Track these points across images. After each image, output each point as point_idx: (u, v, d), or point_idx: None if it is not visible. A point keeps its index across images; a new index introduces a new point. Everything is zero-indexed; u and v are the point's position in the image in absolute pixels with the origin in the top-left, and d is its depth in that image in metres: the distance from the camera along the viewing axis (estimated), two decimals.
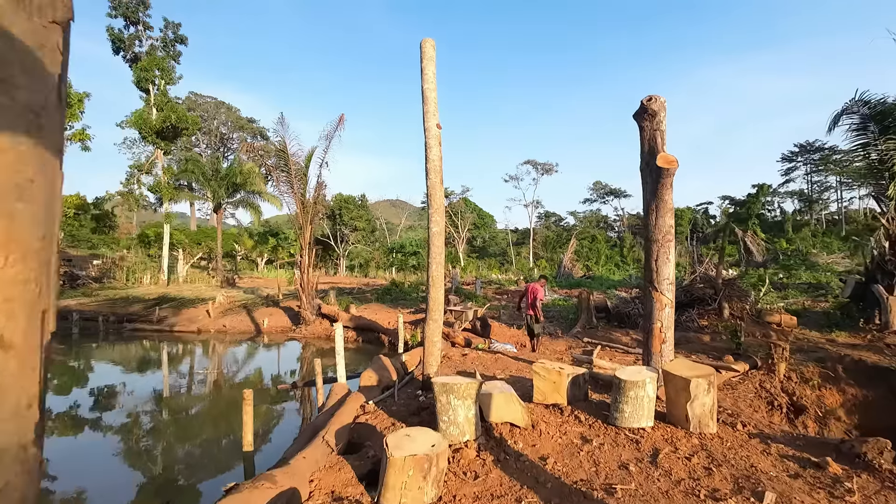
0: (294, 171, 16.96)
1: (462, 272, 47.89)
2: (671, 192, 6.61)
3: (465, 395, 4.64)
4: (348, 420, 5.57)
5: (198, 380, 11.83)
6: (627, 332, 13.51)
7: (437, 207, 6.53)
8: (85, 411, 9.67)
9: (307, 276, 17.63)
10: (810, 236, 56.11)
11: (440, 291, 6.62)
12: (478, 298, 21.46)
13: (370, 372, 7.02)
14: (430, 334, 6.58)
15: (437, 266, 6.57)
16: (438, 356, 6.66)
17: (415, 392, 6.67)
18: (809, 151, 69.92)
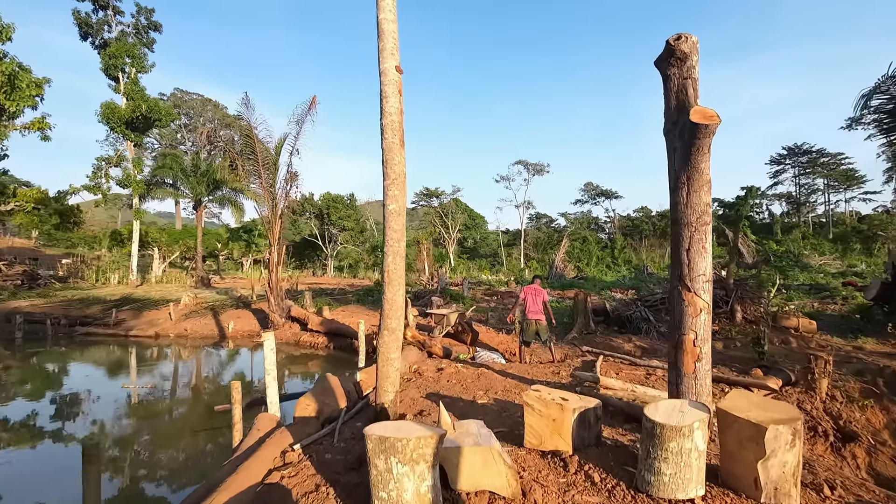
0: (262, 159, 15.08)
1: (452, 273, 46.09)
2: (709, 158, 4.86)
3: (416, 457, 2.84)
4: (256, 477, 3.75)
5: (119, 399, 9.50)
6: (630, 338, 11.78)
7: (394, 177, 4.72)
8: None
9: (276, 275, 15.74)
10: (800, 238, 54.98)
11: (399, 291, 4.81)
12: (465, 300, 19.67)
13: (309, 399, 5.17)
14: (385, 349, 4.76)
15: (396, 257, 4.77)
16: (397, 378, 4.83)
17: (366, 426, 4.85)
18: (798, 154, 69.02)
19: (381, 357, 4.74)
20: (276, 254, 15.69)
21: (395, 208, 4.74)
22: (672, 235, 5.10)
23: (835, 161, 66.70)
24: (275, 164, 15.33)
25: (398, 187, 4.75)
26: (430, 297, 17.93)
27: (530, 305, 9.54)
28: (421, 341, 8.73)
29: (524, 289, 9.81)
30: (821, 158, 67.55)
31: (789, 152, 69.32)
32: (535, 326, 9.40)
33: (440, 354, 8.76)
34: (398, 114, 4.76)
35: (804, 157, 68.60)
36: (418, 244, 49.41)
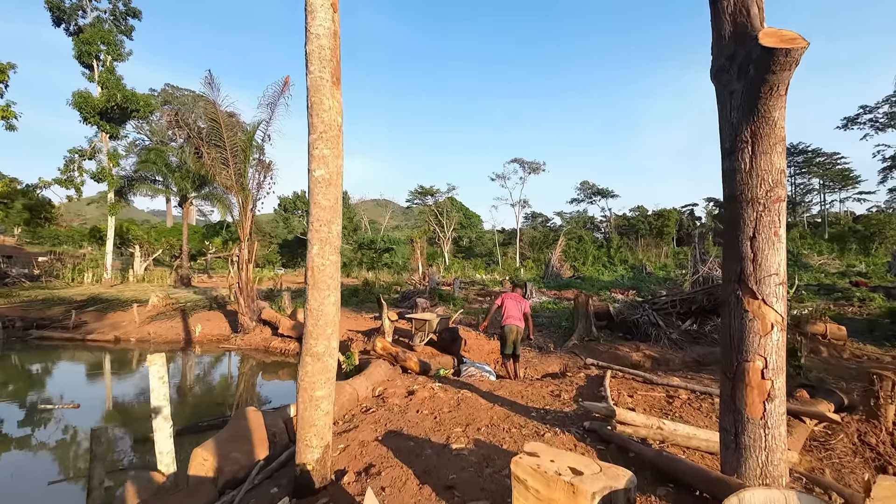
0: (230, 146, 13.46)
1: (446, 272, 44.52)
2: (785, 103, 3.29)
3: None
4: None
5: (19, 429, 7.31)
6: (637, 346, 10.23)
7: (323, 130, 3.13)
8: None
9: (246, 274, 14.12)
10: (798, 238, 53.64)
11: (329, 298, 3.21)
12: (455, 301, 18.07)
13: (209, 450, 3.57)
14: (307, 385, 3.17)
15: (325, 248, 3.17)
16: (327, 425, 3.24)
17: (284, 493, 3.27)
18: (794, 154, 67.75)
19: (301, 397, 3.15)
20: (247, 250, 14.06)
21: (324, 175, 3.15)
22: (727, 218, 3.52)
23: (830, 161, 65.50)
24: (244, 152, 13.71)
25: (329, 145, 3.16)
26: (415, 297, 16.34)
27: (509, 310, 8.08)
28: (393, 354, 7.15)
29: (502, 295, 8.31)
30: (816, 158, 66.34)
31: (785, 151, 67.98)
32: (515, 335, 7.90)
33: (416, 370, 7.18)
34: (331, 37, 3.17)
35: (800, 157, 67.38)
36: (413, 242, 47.81)
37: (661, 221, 64.02)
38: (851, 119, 62.93)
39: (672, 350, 9.82)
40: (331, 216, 3.17)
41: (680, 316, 11.03)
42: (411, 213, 75.61)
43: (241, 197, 13.84)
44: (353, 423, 4.70)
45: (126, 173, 33.55)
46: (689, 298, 11.04)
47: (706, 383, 6.85)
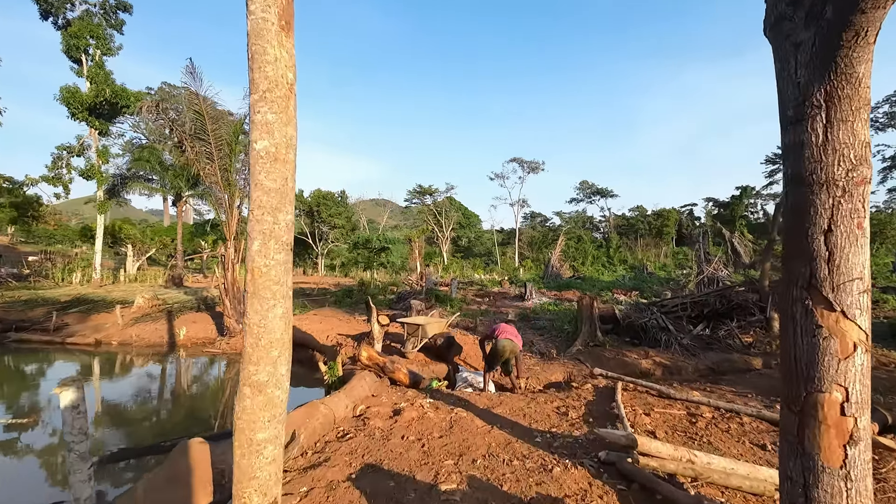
0: (214, 138, 12.68)
1: (444, 272, 43.78)
2: (871, 54, 2.53)
3: None
4: None
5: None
6: (646, 352, 9.46)
7: (267, 89, 2.36)
8: None
9: (233, 274, 13.35)
10: None
11: (276, 311, 2.45)
12: (452, 302, 17.31)
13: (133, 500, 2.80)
14: (245, 425, 2.39)
15: (270, 244, 2.40)
16: (273, 476, 2.45)
17: None
18: None
19: (238, 440, 2.38)
20: (234, 250, 13.28)
21: (268, 148, 2.38)
22: (790, 206, 2.73)
23: None
24: (230, 146, 12.93)
25: (275, 107, 2.38)
26: (408, 300, 15.57)
27: (506, 331, 7.42)
28: (380, 364, 6.35)
29: (501, 325, 7.61)
30: None
31: None
32: (508, 353, 7.17)
33: (405, 382, 6.39)
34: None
35: None
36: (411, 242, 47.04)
37: (661, 221, 63.34)
38: None
39: (684, 357, 9.06)
40: (277, 202, 2.39)
41: (691, 320, 10.27)
42: (410, 213, 74.84)
43: (227, 193, 13.06)
44: (324, 455, 3.92)
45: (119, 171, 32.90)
46: (701, 301, 10.28)
47: (730, 398, 6.09)
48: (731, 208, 66.03)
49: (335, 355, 10.28)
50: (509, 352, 7.22)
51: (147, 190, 35.51)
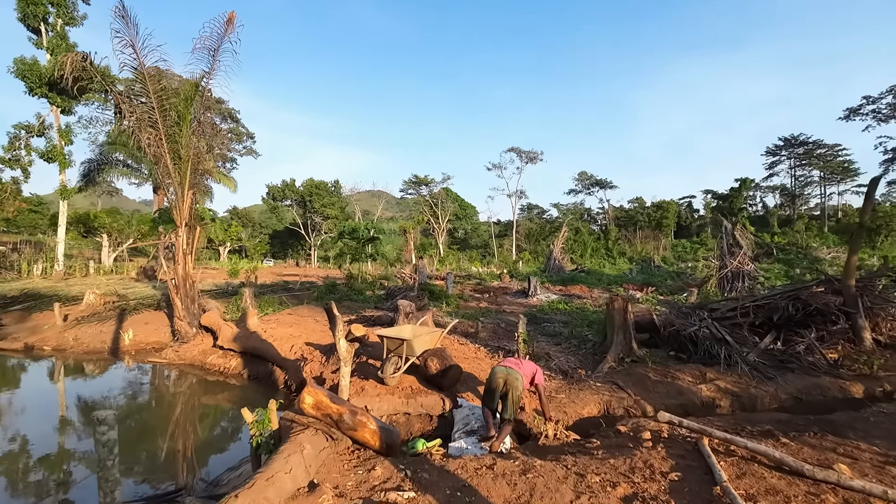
0: (158, 101, 10.11)
1: (440, 264, 41.30)
2: None
3: None
4: None
5: None
6: (701, 372, 7.05)
7: None
8: None
9: (184, 268, 10.82)
10: (804, 230, 50.71)
11: None
12: (448, 299, 14.86)
13: None
14: None
15: None
16: None
17: None
18: (794, 146, 64.73)
19: None
20: (185, 238, 10.75)
21: None
22: None
23: (832, 153, 62.50)
24: (178, 112, 10.36)
25: None
26: (402, 295, 13.12)
27: (506, 361, 5.37)
28: (334, 417, 3.82)
29: (505, 360, 5.29)
30: (817, 150, 63.33)
31: (785, 143, 65.02)
32: (501, 382, 4.98)
33: (374, 444, 3.87)
34: None
35: (800, 149, 64.36)
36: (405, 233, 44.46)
37: (660, 213, 61.02)
38: (854, 110, 59.84)
39: (756, 381, 6.66)
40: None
41: (754, 329, 7.87)
42: (405, 204, 72.15)
43: (177, 170, 10.51)
44: None
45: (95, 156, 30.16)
46: (767, 305, 7.87)
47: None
48: (731, 200, 63.73)
49: (298, 373, 7.87)
50: (503, 383, 4.96)
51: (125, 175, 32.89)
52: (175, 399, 8.20)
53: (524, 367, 5.23)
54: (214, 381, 8.94)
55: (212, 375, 9.22)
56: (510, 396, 4.91)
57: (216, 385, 8.79)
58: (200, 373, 9.43)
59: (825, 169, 63.17)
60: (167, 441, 6.27)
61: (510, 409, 4.89)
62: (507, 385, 4.94)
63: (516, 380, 4.96)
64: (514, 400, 4.89)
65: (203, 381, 9.01)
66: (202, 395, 8.34)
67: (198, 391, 8.57)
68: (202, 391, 8.56)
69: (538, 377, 5.26)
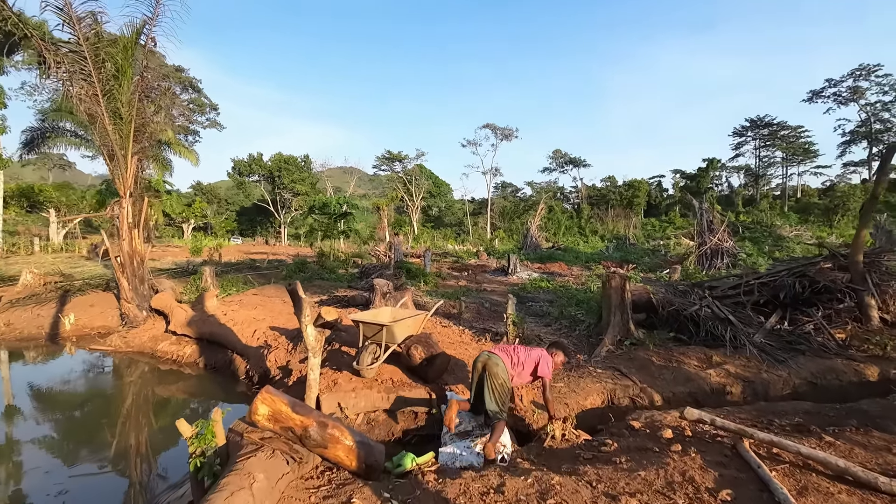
0: (91, 51, 8.60)
1: (415, 242, 40.28)
2: None
3: None
4: None
5: None
6: (706, 354, 6.46)
7: None
8: None
9: (131, 244, 9.51)
10: (768, 209, 51.95)
11: None
12: (427, 278, 13.99)
13: None
14: None
15: None
16: None
17: None
18: (760, 126, 65.92)
19: None
20: (130, 210, 9.40)
21: None
22: None
23: (794, 134, 63.96)
24: (116, 64, 8.87)
25: None
26: (378, 274, 12.16)
27: (500, 350, 4.57)
28: (297, 432, 2.90)
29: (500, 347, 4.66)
30: (781, 131, 64.69)
31: (752, 124, 66.15)
32: (480, 366, 4.35)
33: (349, 464, 2.96)
34: None
35: (765, 130, 65.61)
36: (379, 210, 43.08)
37: (632, 192, 61.46)
38: (817, 92, 61.23)
39: (766, 365, 6.10)
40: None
41: (758, 308, 7.33)
42: (378, 181, 70.26)
43: (118, 131, 9.09)
44: None
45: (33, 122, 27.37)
46: (773, 282, 7.32)
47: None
48: (698, 180, 64.71)
49: (261, 362, 6.88)
50: (481, 367, 4.29)
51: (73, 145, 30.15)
52: (115, 394, 7.09)
53: (529, 355, 4.47)
54: (167, 371, 7.84)
55: (164, 364, 8.11)
56: (488, 385, 4.15)
57: (168, 376, 7.70)
58: (151, 362, 8.29)
59: (788, 150, 64.71)
60: (100, 449, 5.23)
61: (493, 401, 4.13)
62: (486, 370, 4.21)
63: (496, 365, 4.21)
64: (496, 389, 4.13)
65: (152, 371, 7.89)
66: (149, 389, 7.25)
67: (144, 384, 7.47)
68: (150, 384, 7.47)
69: (542, 367, 4.48)
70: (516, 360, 4.39)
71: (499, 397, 4.15)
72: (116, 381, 7.77)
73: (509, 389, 4.29)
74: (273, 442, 2.92)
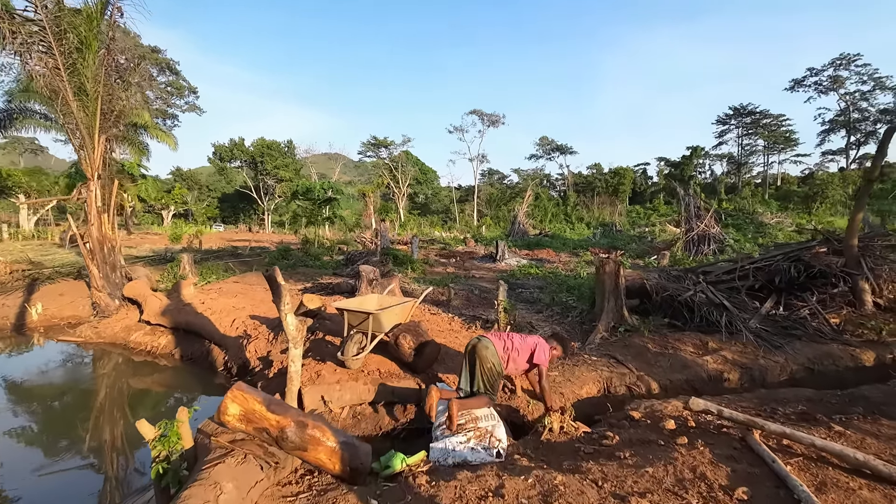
0: (49, 17, 7.95)
1: (401, 229, 39.82)
2: None
3: None
4: None
5: None
6: (702, 340, 6.30)
7: None
8: None
9: (100, 229, 8.97)
10: (750, 196, 52.57)
11: None
12: (414, 264, 13.66)
13: None
14: None
15: None
16: None
17: None
18: (743, 115, 66.40)
19: None
20: (98, 193, 8.83)
21: None
22: None
23: (776, 122, 64.63)
24: (80, 36, 8.22)
25: None
26: (364, 261, 11.79)
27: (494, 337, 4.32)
28: (273, 433, 2.62)
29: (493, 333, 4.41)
30: (763, 119, 65.30)
31: (735, 112, 66.58)
32: (472, 349, 4.13)
33: (332, 467, 2.62)
34: None
35: (748, 118, 66.14)
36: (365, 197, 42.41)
37: (618, 180, 61.61)
38: (798, 81, 61.77)
39: (763, 351, 5.96)
40: None
41: (752, 293, 7.18)
42: (364, 167, 69.23)
43: (82, 106, 8.48)
44: None
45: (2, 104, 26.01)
46: (768, 267, 7.17)
47: None
48: (682, 168, 65.12)
49: (241, 353, 6.51)
50: (471, 349, 4.09)
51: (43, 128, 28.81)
52: (84, 387, 6.66)
53: (525, 342, 4.23)
54: (141, 363, 7.42)
55: (137, 356, 7.68)
56: (479, 368, 3.96)
57: (142, 368, 7.29)
58: (124, 353, 7.85)
59: (769, 138, 65.42)
60: (68, 446, 4.84)
61: (482, 385, 3.96)
62: (476, 354, 4.00)
63: (485, 348, 4.00)
64: (485, 373, 3.95)
65: (125, 363, 7.47)
66: (122, 382, 6.84)
67: (117, 376, 7.05)
68: (123, 376, 7.05)
69: (539, 354, 4.23)
70: (510, 346, 4.15)
71: (487, 381, 3.98)
72: (86, 373, 7.33)
73: (500, 374, 4.07)
74: (245, 445, 2.59)
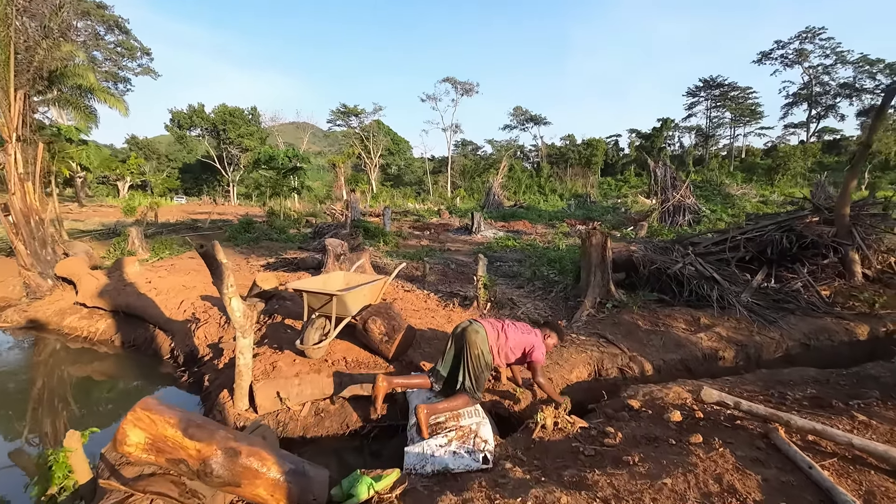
0: None
1: (373, 201, 38.60)
2: None
3: None
4: None
5: None
6: (693, 316, 5.91)
7: None
8: None
9: (24, 199, 7.81)
10: (718, 168, 53.42)
11: None
12: (387, 238, 12.90)
13: None
14: None
15: None
16: None
17: None
18: (712, 87, 66.84)
19: None
20: (20, 158, 7.63)
21: None
22: None
23: (743, 95, 65.41)
24: None
25: None
26: (333, 234, 10.96)
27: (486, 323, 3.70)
28: (192, 465, 2.00)
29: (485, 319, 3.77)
30: (731, 92, 65.94)
31: (704, 85, 66.93)
32: (462, 331, 3.56)
33: (273, 493, 2.17)
34: None
35: (717, 91, 66.64)
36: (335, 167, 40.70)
37: (590, 151, 61.47)
38: (766, 53, 62.31)
39: (757, 326, 5.61)
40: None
41: (742, 265, 6.83)
42: (334, 137, 66.61)
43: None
44: None
45: None
46: (759, 237, 6.81)
47: None
48: (652, 139, 65.52)
49: (188, 339, 5.72)
50: (459, 331, 3.55)
51: None
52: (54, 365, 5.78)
53: (523, 337, 3.66)
54: (77, 351, 6.53)
55: (73, 343, 6.76)
56: (466, 354, 3.40)
57: (79, 356, 6.40)
58: (58, 339, 6.92)
59: (736, 111, 66.27)
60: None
61: (467, 376, 3.40)
62: (465, 338, 3.43)
63: (475, 332, 3.44)
64: (471, 360, 3.39)
65: (57, 351, 6.56)
66: (51, 373, 5.96)
67: (43, 368, 6.15)
68: (50, 367, 6.16)
69: (537, 354, 3.68)
70: (504, 337, 3.56)
71: (473, 369, 3.40)
72: (9, 363, 6.39)
73: (487, 365, 3.49)
74: (154, 483, 1.91)
